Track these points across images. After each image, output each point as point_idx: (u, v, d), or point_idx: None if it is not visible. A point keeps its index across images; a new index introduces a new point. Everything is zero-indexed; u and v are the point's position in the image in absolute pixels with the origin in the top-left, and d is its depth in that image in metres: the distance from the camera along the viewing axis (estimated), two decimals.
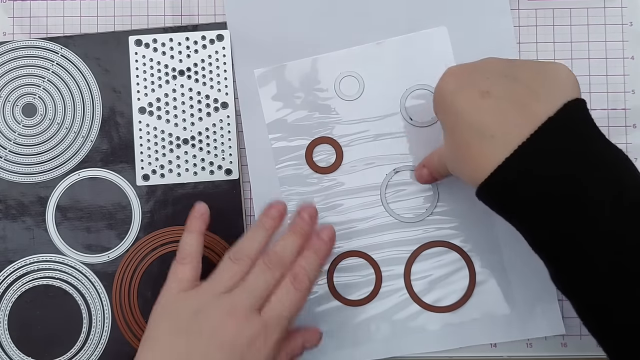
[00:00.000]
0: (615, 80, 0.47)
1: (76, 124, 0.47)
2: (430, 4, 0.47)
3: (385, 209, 0.46)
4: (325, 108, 0.47)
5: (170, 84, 0.47)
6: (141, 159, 0.46)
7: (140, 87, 0.47)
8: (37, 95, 0.47)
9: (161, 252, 0.46)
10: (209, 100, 0.46)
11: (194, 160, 0.46)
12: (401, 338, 0.45)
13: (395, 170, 0.46)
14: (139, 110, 0.46)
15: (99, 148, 0.46)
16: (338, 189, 0.46)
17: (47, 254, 0.46)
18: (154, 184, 0.46)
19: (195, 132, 0.46)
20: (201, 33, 0.47)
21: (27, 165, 0.47)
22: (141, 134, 0.46)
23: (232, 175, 0.46)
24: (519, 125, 0.34)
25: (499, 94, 0.35)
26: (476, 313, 0.45)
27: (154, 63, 0.47)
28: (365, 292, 0.46)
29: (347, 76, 0.47)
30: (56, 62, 0.47)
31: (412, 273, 0.46)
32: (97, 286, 0.46)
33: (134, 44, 0.47)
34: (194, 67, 0.47)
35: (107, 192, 0.46)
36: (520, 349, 0.46)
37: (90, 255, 0.46)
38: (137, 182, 0.46)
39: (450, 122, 0.37)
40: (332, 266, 0.46)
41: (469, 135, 0.35)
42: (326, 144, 0.46)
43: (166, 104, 0.47)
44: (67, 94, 0.47)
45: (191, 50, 0.47)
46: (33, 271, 0.46)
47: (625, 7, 0.47)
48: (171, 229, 0.46)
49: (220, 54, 0.47)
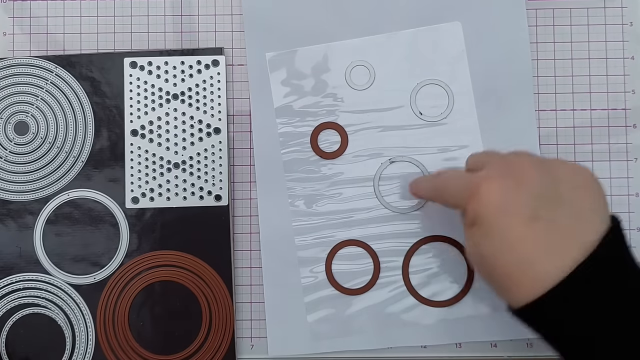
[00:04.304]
0: (615, 80, 0.47)
1: (67, 144, 0.46)
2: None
3: (378, 198, 0.46)
4: (333, 96, 0.47)
5: (164, 107, 0.46)
6: (131, 181, 0.46)
7: (134, 110, 0.46)
8: (30, 113, 0.47)
9: (149, 276, 0.46)
10: (201, 125, 0.46)
11: (184, 184, 0.46)
12: (394, 330, 0.45)
13: (390, 160, 0.46)
14: (131, 132, 0.46)
15: (90, 169, 0.46)
16: (340, 177, 0.46)
17: (33, 273, 0.46)
18: (143, 207, 0.46)
19: (187, 156, 0.46)
20: (197, 57, 0.47)
21: (17, 184, 0.46)
22: (132, 157, 0.46)
23: (222, 202, 0.46)
24: (565, 253, 0.33)
25: (547, 219, 0.33)
26: (472, 310, 0.45)
27: (148, 86, 0.46)
28: (363, 282, 0.46)
29: (359, 65, 0.47)
30: (50, 81, 0.47)
31: (411, 266, 0.46)
32: (82, 307, 0.46)
33: (129, 66, 0.46)
34: (188, 92, 0.46)
35: (96, 213, 0.46)
36: (520, 349, 0.46)
37: (76, 276, 0.46)
38: (127, 205, 0.46)
39: (490, 241, 0.34)
40: (331, 254, 0.46)
41: (511, 262, 0.34)
42: (332, 130, 0.46)
43: (159, 127, 0.46)
44: (60, 113, 0.47)
45: (186, 74, 0.46)
46: (19, 290, 0.46)
47: (625, 7, 0.47)
48: (159, 252, 0.46)
49: (215, 79, 0.47)
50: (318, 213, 0.46)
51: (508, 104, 0.46)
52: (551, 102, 0.47)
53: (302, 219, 0.46)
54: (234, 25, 0.48)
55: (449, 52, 0.47)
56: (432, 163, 0.46)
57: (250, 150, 0.47)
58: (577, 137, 0.47)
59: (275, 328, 0.45)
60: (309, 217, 0.46)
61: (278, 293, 0.46)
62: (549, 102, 0.47)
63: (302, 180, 0.46)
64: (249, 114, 0.47)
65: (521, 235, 0.33)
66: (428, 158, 0.46)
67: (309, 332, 0.45)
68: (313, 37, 0.47)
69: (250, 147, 0.47)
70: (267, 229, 0.46)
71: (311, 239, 0.46)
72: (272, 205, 0.46)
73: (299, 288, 0.46)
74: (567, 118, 0.47)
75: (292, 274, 0.46)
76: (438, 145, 0.46)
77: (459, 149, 0.46)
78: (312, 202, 0.46)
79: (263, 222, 0.46)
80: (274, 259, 0.46)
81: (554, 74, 0.47)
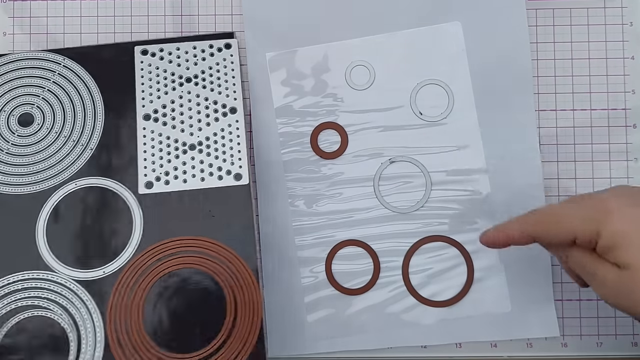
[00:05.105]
0: (615, 80, 0.47)
1: (75, 132, 0.45)
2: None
3: (378, 198, 0.46)
4: (333, 96, 0.47)
5: (177, 90, 0.45)
6: (144, 165, 0.44)
7: (145, 95, 0.45)
8: (36, 104, 0.45)
9: (166, 265, 0.43)
10: (216, 106, 0.45)
11: (201, 165, 0.44)
12: (394, 330, 0.45)
13: (390, 160, 0.46)
14: (144, 117, 0.45)
15: (99, 156, 0.44)
16: (340, 177, 0.46)
17: (34, 271, 0.43)
18: (158, 192, 0.44)
19: (203, 137, 0.45)
20: (208, 42, 0.46)
21: (20, 176, 0.44)
22: (145, 141, 0.45)
23: (242, 181, 0.44)
24: None
25: None
26: (472, 310, 0.45)
27: (160, 71, 0.46)
28: (363, 282, 0.46)
29: (358, 65, 0.47)
30: (58, 72, 0.46)
31: (411, 266, 0.46)
32: (90, 305, 0.42)
33: (140, 54, 0.46)
34: (201, 74, 0.45)
35: (106, 201, 0.44)
36: (520, 349, 0.46)
37: (83, 271, 0.43)
38: (140, 190, 0.44)
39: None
40: (331, 254, 0.46)
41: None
42: (332, 130, 0.46)
43: (172, 110, 0.45)
44: (67, 101, 0.45)
45: (198, 58, 0.46)
46: (17, 290, 0.43)
47: (625, 7, 0.47)
48: (176, 239, 0.43)
49: (228, 61, 0.46)
50: (318, 213, 0.46)
51: (508, 104, 0.46)
52: (551, 102, 0.47)
53: (302, 219, 0.46)
54: (234, 25, 0.48)
55: (449, 52, 0.47)
56: (432, 163, 0.46)
57: (250, 150, 0.47)
58: (577, 137, 0.47)
59: (275, 328, 0.45)
60: (309, 217, 0.46)
61: (278, 293, 0.46)
62: (549, 102, 0.47)
63: (302, 180, 0.46)
64: (249, 114, 0.47)
65: None
66: (428, 158, 0.46)
67: (309, 332, 0.45)
68: (313, 37, 0.47)
69: (250, 147, 0.47)
70: (267, 229, 0.46)
71: (311, 239, 0.46)
72: (272, 205, 0.46)
73: (299, 288, 0.46)
74: (567, 118, 0.47)
75: (292, 274, 0.46)
76: (438, 145, 0.46)
77: (459, 148, 0.46)
78: (312, 202, 0.46)
79: (263, 222, 0.46)
80: (274, 259, 0.46)
81: (554, 74, 0.47)
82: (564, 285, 0.46)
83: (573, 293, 0.46)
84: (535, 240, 0.37)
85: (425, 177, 0.46)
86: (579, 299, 0.45)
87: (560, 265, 0.45)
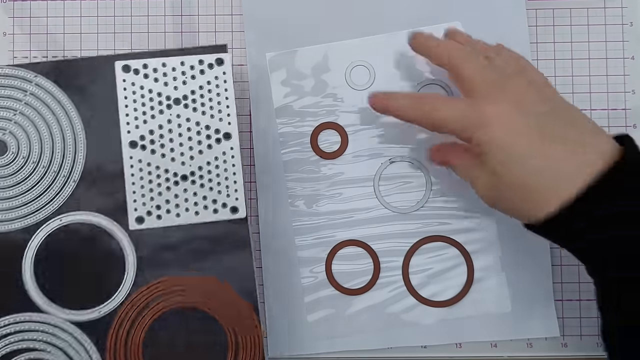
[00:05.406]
0: (615, 80, 0.47)
1: (55, 162, 0.41)
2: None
3: (378, 198, 0.46)
4: (333, 96, 0.47)
5: (165, 114, 0.41)
6: (134, 199, 0.41)
7: (130, 119, 0.41)
8: (8, 130, 0.41)
9: (162, 305, 0.41)
10: (209, 131, 0.42)
11: (195, 198, 0.41)
12: (394, 330, 0.45)
13: (390, 160, 0.46)
14: (130, 144, 0.41)
15: (84, 189, 0.41)
16: (340, 177, 0.46)
17: (25, 313, 0.40)
18: (150, 227, 0.41)
19: (195, 166, 0.41)
20: (198, 57, 0.42)
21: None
22: (133, 171, 0.41)
23: (239, 214, 0.41)
24: (583, 165, 0.34)
25: (557, 134, 0.35)
26: (472, 310, 0.45)
27: (145, 91, 0.41)
28: (363, 282, 0.46)
29: (358, 65, 0.47)
30: (29, 92, 0.41)
31: (411, 266, 0.46)
32: (88, 346, 0.41)
33: (122, 70, 0.41)
34: (191, 95, 0.42)
35: (95, 238, 0.41)
36: (520, 349, 0.46)
37: (78, 312, 0.41)
38: (130, 226, 0.41)
39: (504, 164, 0.36)
40: (332, 254, 0.46)
41: (536, 170, 0.35)
42: (332, 130, 0.46)
43: (161, 136, 0.41)
44: (44, 126, 0.41)
45: (187, 76, 0.42)
46: (9, 334, 0.40)
47: (625, 7, 0.47)
48: (172, 277, 0.41)
49: (220, 79, 0.42)
50: (318, 213, 0.46)
51: None
52: None
53: (302, 219, 0.46)
54: (234, 25, 0.48)
55: None
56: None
57: (250, 150, 0.47)
58: None
59: (275, 328, 0.45)
60: (309, 217, 0.46)
61: (278, 293, 0.46)
62: None
63: (302, 180, 0.46)
64: (249, 114, 0.47)
65: (540, 149, 0.35)
66: None
67: (309, 332, 0.45)
68: (313, 37, 0.47)
69: (250, 147, 0.47)
70: (267, 229, 0.46)
71: (311, 239, 0.46)
72: (272, 206, 0.46)
73: (299, 288, 0.46)
74: None
75: (292, 274, 0.46)
76: None
77: None
78: (312, 202, 0.46)
79: (263, 222, 0.46)
80: (274, 259, 0.46)
81: (554, 74, 0.47)
82: (564, 285, 0.46)
83: (573, 293, 0.46)
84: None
85: (425, 177, 0.46)
86: (579, 299, 0.46)
87: (560, 265, 0.46)
